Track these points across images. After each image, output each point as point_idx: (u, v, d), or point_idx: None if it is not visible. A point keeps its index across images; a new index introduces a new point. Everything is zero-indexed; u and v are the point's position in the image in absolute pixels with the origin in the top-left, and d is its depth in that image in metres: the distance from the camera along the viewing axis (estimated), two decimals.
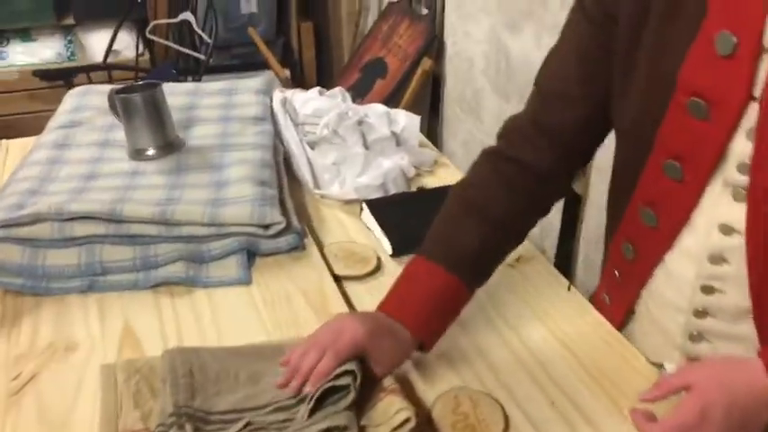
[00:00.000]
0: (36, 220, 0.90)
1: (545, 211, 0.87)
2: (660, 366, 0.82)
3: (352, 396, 0.68)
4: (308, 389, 0.69)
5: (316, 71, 3.05)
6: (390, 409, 0.68)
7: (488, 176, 0.83)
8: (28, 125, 1.29)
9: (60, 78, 2.58)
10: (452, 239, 0.80)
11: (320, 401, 0.68)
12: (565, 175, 0.85)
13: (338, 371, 0.69)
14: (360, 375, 0.69)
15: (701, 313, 0.75)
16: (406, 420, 0.67)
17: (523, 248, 1.04)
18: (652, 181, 0.75)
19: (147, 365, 0.74)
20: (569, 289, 0.96)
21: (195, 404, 0.69)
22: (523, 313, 0.91)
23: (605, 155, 0.95)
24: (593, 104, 0.79)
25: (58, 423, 0.72)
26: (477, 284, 0.82)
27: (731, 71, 0.65)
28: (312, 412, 0.67)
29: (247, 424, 0.67)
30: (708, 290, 0.73)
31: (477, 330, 0.87)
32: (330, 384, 0.69)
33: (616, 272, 0.86)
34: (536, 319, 0.90)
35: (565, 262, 1.75)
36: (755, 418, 0.64)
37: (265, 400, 0.70)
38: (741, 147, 0.66)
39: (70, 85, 2.62)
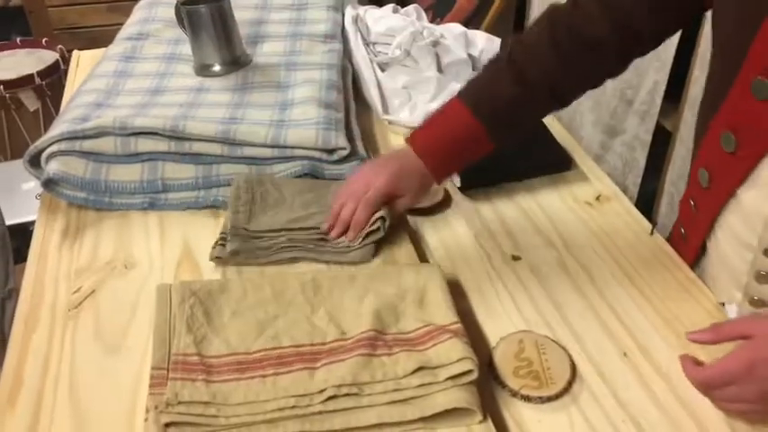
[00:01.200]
0: (100, 133, 0.89)
1: (593, 82, 0.83)
2: (721, 306, 0.77)
3: (380, 234, 0.82)
4: (350, 236, 0.81)
5: None
6: (452, 354, 0.64)
7: (538, 35, 0.80)
8: (109, 38, 1.28)
9: None
10: (486, 88, 0.81)
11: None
12: (615, 50, 0.79)
13: (372, 219, 0.81)
14: (388, 219, 0.82)
15: None
16: (468, 372, 0.64)
17: (604, 186, 0.98)
18: (738, 102, 0.68)
19: (203, 289, 0.73)
20: (652, 233, 0.89)
21: (250, 226, 0.82)
22: (599, 256, 0.85)
23: (698, 88, 0.86)
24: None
25: (112, 341, 0.72)
26: (501, 136, 0.81)
27: None
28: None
29: (290, 239, 0.82)
30: None
31: (548, 273, 0.82)
32: (366, 231, 0.82)
33: (692, 201, 0.80)
34: (612, 262, 0.84)
35: (648, 200, 1.65)
36: None
37: (311, 224, 0.83)
38: None
39: None
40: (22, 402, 0.65)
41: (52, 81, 2.41)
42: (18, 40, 2.56)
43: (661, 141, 1.67)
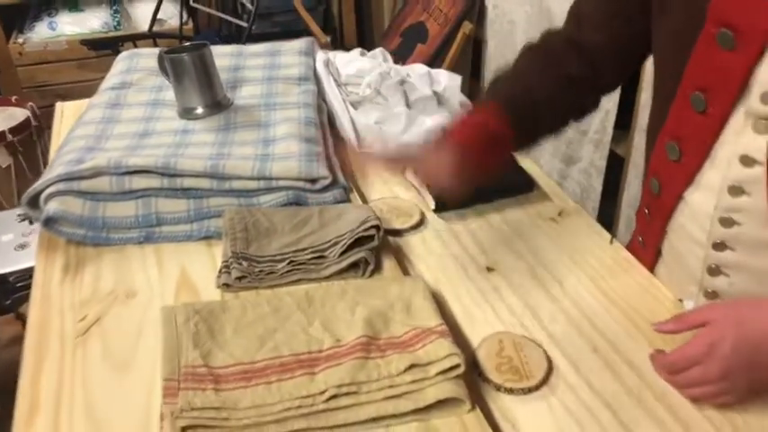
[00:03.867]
0: (96, 173, 0.95)
1: (577, 111, 0.94)
2: (679, 302, 0.85)
3: (375, 242, 0.88)
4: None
5: (357, 37, 3.05)
6: (440, 351, 0.71)
7: (532, 61, 0.91)
8: (78, 94, 1.35)
9: (108, 47, 2.65)
10: (498, 92, 0.88)
11: (349, 248, 0.87)
12: (591, 87, 0.91)
13: (366, 225, 0.87)
14: (382, 229, 0.89)
15: (719, 246, 0.77)
16: (456, 366, 0.70)
17: (564, 204, 1.06)
18: (679, 114, 0.77)
19: (205, 308, 0.78)
20: (611, 242, 0.97)
21: (250, 251, 0.87)
22: (566, 264, 0.93)
23: (646, 118, 0.96)
24: (626, 22, 0.85)
25: (121, 361, 0.76)
26: (519, 130, 0.85)
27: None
28: (341, 255, 0.87)
29: (290, 262, 0.86)
30: (727, 222, 0.75)
31: (520, 282, 0.89)
32: (360, 235, 0.87)
33: (646, 210, 0.89)
34: (579, 270, 0.91)
35: (606, 223, 1.75)
36: (766, 357, 0.66)
37: (305, 245, 0.88)
38: (765, 76, 0.68)
39: (117, 54, 2.68)
40: (40, 424, 0.69)
41: (24, 138, 2.44)
42: None
43: (614, 167, 1.78)
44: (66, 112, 1.33)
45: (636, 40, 0.85)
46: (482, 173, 0.85)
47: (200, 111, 1.14)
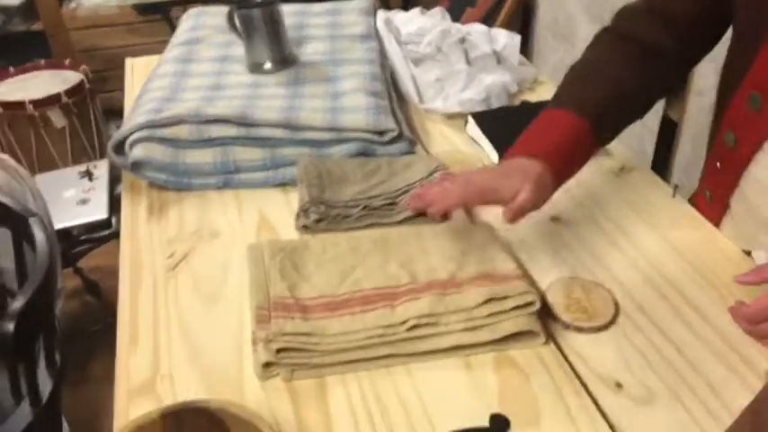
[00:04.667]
0: (176, 122, 0.99)
1: (662, 89, 0.91)
2: (748, 254, 0.86)
3: None
4: (432, 211, 0.80)
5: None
6: (518, 288, 0.74)
7: (605, 48, 0.88)
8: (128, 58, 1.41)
9: (157, 12, 2.69)
10: (578, 91, 0.85)
11: None
12: (678, 57, 0.88)
13: (436, 174, 0.92)
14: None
15: None
16: (531, 303, 0.74)
17: (626, 159, 1.08)
18: (765, 65, 0.77)
19: (289, 245, 0.83)
20: (674, 195, 0.99)
21: (325, 196, 0.91)
22: (628, 216, 0.95)
23: (703, 79, 0.97)
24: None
25: (211, 293, 0.81)
26: (602, 135, 0.85)
27: None
28: None
29: (364, 207, 0.90)
30: None
31: (585, 232, 0.92)
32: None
33: (718, 163, 0.89)
34: (641, 221, 0.94)
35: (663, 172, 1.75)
36: None
37: (377, 192, 0.93)
38: None
39: (168, 19, 2.73)
40: (141, 343, 0.75)
41: (78, 100, 2.51)
42: (42, 61, 2.67)
43: (667, 132, 1.78)
44: (136, 67, 1.38)
45: (723, 3, 0.84)
46: (566, 180, 0.83)
47: (268, 66, 1.18)
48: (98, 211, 1.85)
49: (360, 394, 0.68)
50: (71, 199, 1.91)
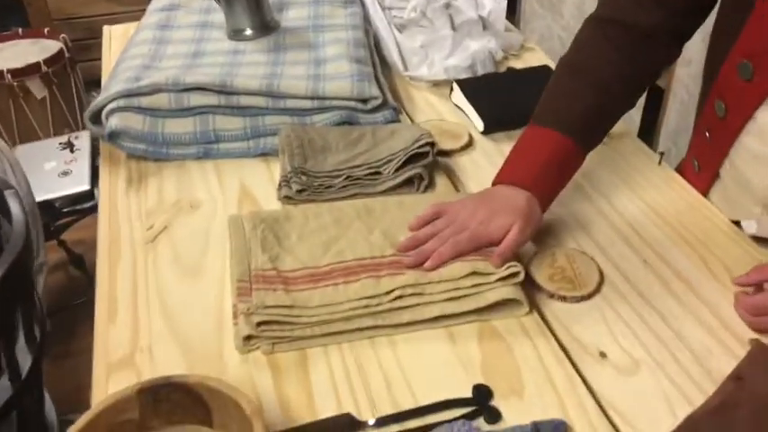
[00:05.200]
0: (154, 90, 0.97)
1: (654, 73, 0.88)
2: (737, 224, 0.86)
3: (430, 158, 0.91)
4: (427, 265, 0.73)
5: None
6: None
7: (593, 40, 0.85)
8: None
9: None
10: (562, 103, 0.83)
11: (403, 165, 0.90)
12: (671, 36, 0.86)
13: (420, 142, 0.90)
14: (437, 145, 0.92)
15: None
16: (515, 274, 0.73)
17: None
18: (755, 32, 0.76)
19: (270, 216, 0.81)
20: (660, 163, 0.98)
21: (307, 166, 0.89)
22: (615, 183, 0.94)
23: (691, 47, 0.94)
24: None
25: (191, 265, 0.80)
26: (589, 146, 0.85)
27: None
28: (396, 171, 0.89)
29: (347, 177, 0.89)
30: None
31: (570, 198, 0.91)
32: (414, 152, 0.90)
33: (707, 133, 0.88)
34: (627, 189, 0.93)
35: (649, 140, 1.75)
36: None
37: (360, 162, 0.90)
38: None
39: None
40: (120, 317, 0.74)
41: (58, 69, 2.46)
42: (20, 30, 2.61)
43: (655, 99, 1.77)
44: (114, 34, 1.34)
45: None
46: (555, 197, 0.83)
47: (249, 32, 1.15)
48: (80, 183, 1.83)
49: (342, 366, 0.68)
50: (52, 171, 1.88)
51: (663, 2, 0.83)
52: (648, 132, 1.81)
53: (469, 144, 1.04)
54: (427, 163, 0.91)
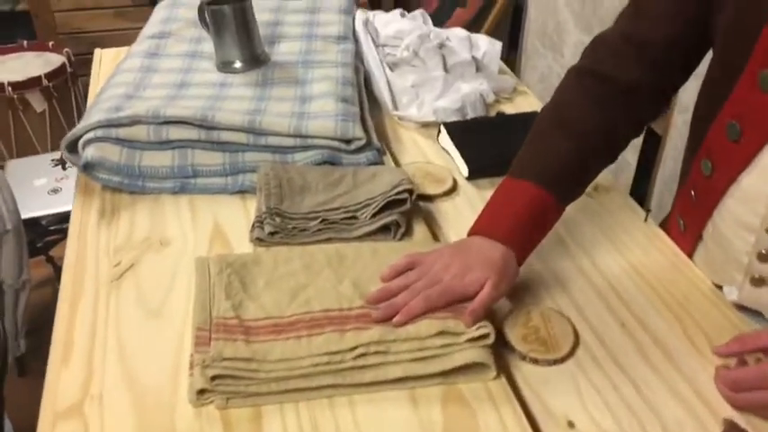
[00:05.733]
0: (134, 122, 0.95)
1: (636, 128, 0.87)
2: (719, 288, 0.84)
3: (407, 206, 0.89)
4: (397, 320, 0.71)
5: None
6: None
7: (575, 93, 0.83)
8: (113, 42, 1.36)
9: None
10: (541, 155, 0.81)
11: (381, 210, 0.88)
12: (654, 91, 0.84)
13: (399, 188, 0.88)
14: (415, 192, 0.90)
15: None
16: (485, 336, 0.70)
17: (601, 178, 1.04)
18: (744, 94, 0.74)
19: (238, 261, 0.79)
20: (646, 220, 0.96)
21: (283, 206, 0.88)
22: (598, 240, 0.92)
23: (688, 94, 0.93)
24: (686, 22, 0.79)
25: (154, 307, 0.78)
26: (567, 199, 0.83)
27: None
28: (373, 216, 0.87)
29: (322, 220, 0.87)
30: None
31: (550, 254, 0.89)
32: (392, 198, 0.88)
33: (692, 192, 0.86)
34: (611, 246, 0.91)
35: (639, 199, 1.73)
36: None
37: (337, 204, 0.89)
38: None
39: (154, 4, 2.68)
40: (74, 361, 0.71)
41: (59, 83, 2.47)
42: (25, 43, 2.62)
43: (651, 144, 1.75)
44: (104, 59, 1.34)
45: (699, 32, 0.79)
46: (532, 251, 0.81)
47: (238, 65, 1.14)
48: (68, 202, 1.80)
49: (297, 426, 0.65)
50: (42, 188, 1.87)
51: (642, 58, 0.82)
52: (644, 177, 1.79)
53: (453, 189, 1.02)
54: (404, 210, 0.89)
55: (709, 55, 0.83)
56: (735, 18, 0.74)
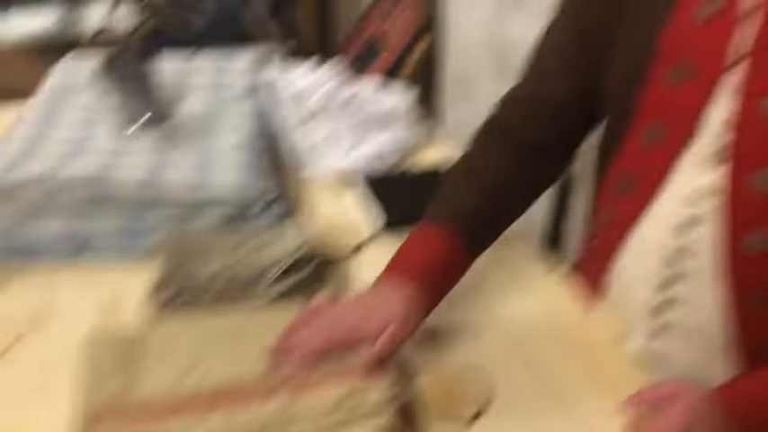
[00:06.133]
0: (23, 183, 0.90)
1: (548, 181, 0.89)
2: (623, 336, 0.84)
3: (310, 269, 0.87)
4: (297, 354, 0.69)
5: (318, 43, 3.02)
6: (377, 385, 0.69)
7: (485, 143, 0.85)
8: (22, 93, 1.31)
9: (56, 51, 2.57)
10: (449, 204, 0.81)
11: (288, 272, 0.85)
12: (560, 148, 0.86)
13: (303, 249, 0.87)
14: (321, 254, 0.88)
15: (668, 281, 0.75)
16: (390, 401, 0.68)
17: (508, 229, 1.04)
18: (632, 147, 0.76)
19: (130, 335, 0.75)
20: (551, 270, 0.96)
21: (183, 272, 0.83)
22: (507, 290, 0.91)
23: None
24: (579, 81, 0.81)
25: (37, 388, 0.73)
26: (477, 248, 0.83)
27: (712, 35, 0.66)
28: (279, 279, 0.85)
29: (226, 285, 0.83)
30: (678, 257, 0.73)
31: (461, 304, 0.87)
32: (298, 258, 0.86)
33: (594, 242, 0.88)
34: (520, 296, 0.90)
35: (554, 241, 1.75)
36: None
37: (241, 268, 0.85)
38: (718, 110, 0.67)
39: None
40: None
41: None
42: None
43: (565, 185, 1.78)
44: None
45: (592, 91, 0.81)
46: (442, 298, 0.80)
47: (140, 123, 1.10)
48: None
49: None
50: None
51: (552, 112, 0.83)
52: (559, 218, 1.82)
53: (368, 242, 1.00)
54: (310, 271, 0.86)
55: None
56: (620, 80, 0.76)
